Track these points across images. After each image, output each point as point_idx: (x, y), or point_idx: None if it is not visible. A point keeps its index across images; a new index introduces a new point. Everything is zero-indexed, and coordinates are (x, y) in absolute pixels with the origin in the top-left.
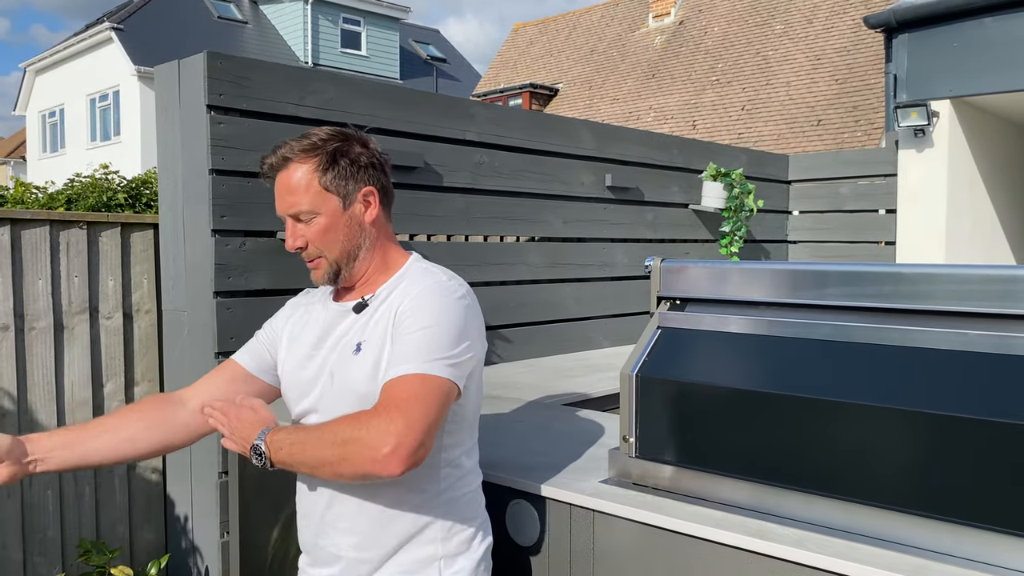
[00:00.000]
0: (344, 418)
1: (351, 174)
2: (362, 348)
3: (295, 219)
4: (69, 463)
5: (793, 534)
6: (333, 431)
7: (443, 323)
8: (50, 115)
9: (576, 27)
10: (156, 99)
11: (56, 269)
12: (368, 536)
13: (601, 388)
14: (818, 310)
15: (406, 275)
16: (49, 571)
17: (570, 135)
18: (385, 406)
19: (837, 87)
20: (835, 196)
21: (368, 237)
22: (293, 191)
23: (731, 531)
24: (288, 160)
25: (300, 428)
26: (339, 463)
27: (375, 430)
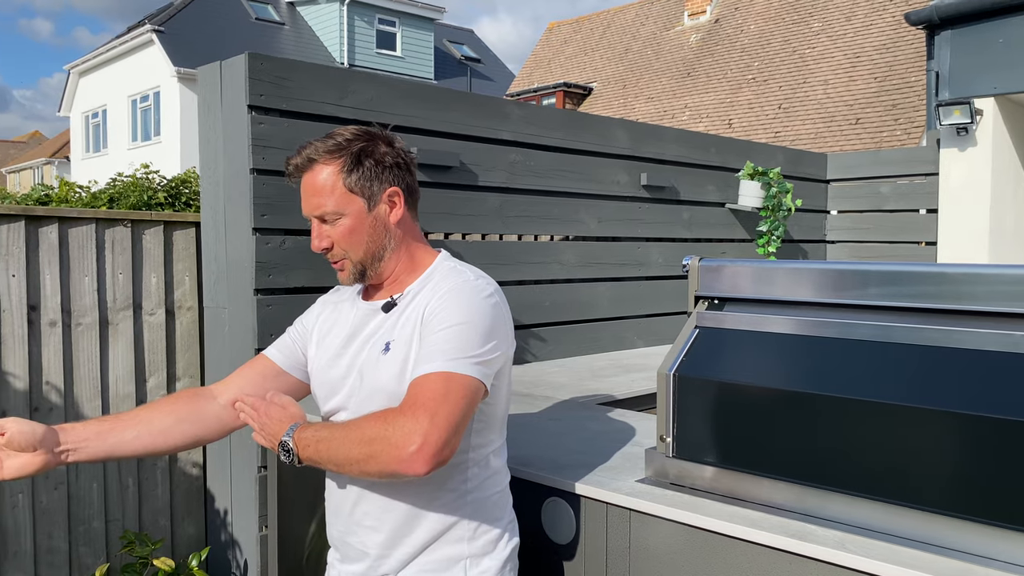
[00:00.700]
0: (371, 416)
1: (376, 175)
2: (391, 347)
3: (320, 220)
4: (101, 453)
5: (834, 536)
6: (360, 429)
7: (470, 321)
8: (93, 116)
9: (610, 26)
10: (198, 99)
11: (102, 266)
12: (394, 534)
13: (635, 388)
14: (860, 310)
15: (434, 274)
16: (94, 561)
17: (605, 134)
18: (411, 404)
19: (876, 85)
20: (875, 196)
21: (393, 237)
22: (318, 192)
23: (771, 532)
24: (313, 161)
25: (327, 425)
26: (365, 461)
27: (401, 429)
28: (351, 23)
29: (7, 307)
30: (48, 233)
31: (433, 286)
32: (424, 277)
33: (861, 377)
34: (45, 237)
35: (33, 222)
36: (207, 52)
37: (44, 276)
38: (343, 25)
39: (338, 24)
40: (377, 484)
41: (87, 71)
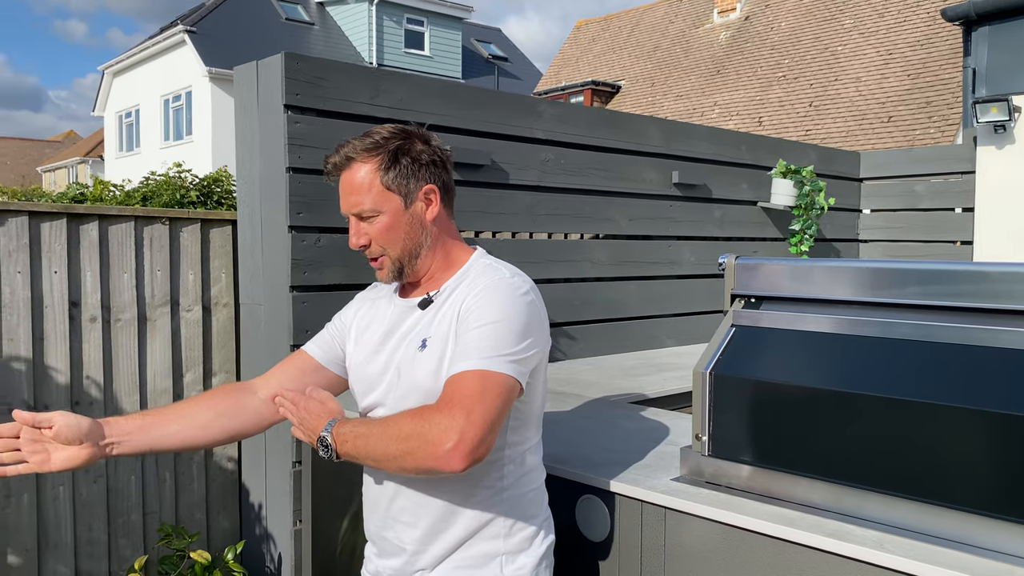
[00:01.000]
0: (408, 412)
1: (412, 172)
2: (427, 344)
3: (358, 218)
4: (144, 447)
5: (873, 536)
6: (397, 425)
7: (506, 319)
8: (126, 116)
9: (639, 24)
10: (235, 99)
11: (140, 263)
12: (431, 530)
13: (667, 387)
14: (898, 309)
15: (470, 271)
16: (132, 553)
17: (637, 132)
18: (447, 402)
19: (909, 82)
20: (909, 194)
21: (430, 235)
22: (356, 190)
23: (809, 531)
24: (351, 159)
25: (365, 421)
26: (402, 457)
27: (437, 426)
28: (380, 23)
29: (49, 303)
30: (89, 231)
31: (469, 283)
32: (460, 274)
33: (899, 376)
34: (86, 234)
35: (74, 220)
36: (238, 52)
37: (85, 273)
38: (372, 25)
39: (367, 24)
40: (413, 480)
41: (121, 71)
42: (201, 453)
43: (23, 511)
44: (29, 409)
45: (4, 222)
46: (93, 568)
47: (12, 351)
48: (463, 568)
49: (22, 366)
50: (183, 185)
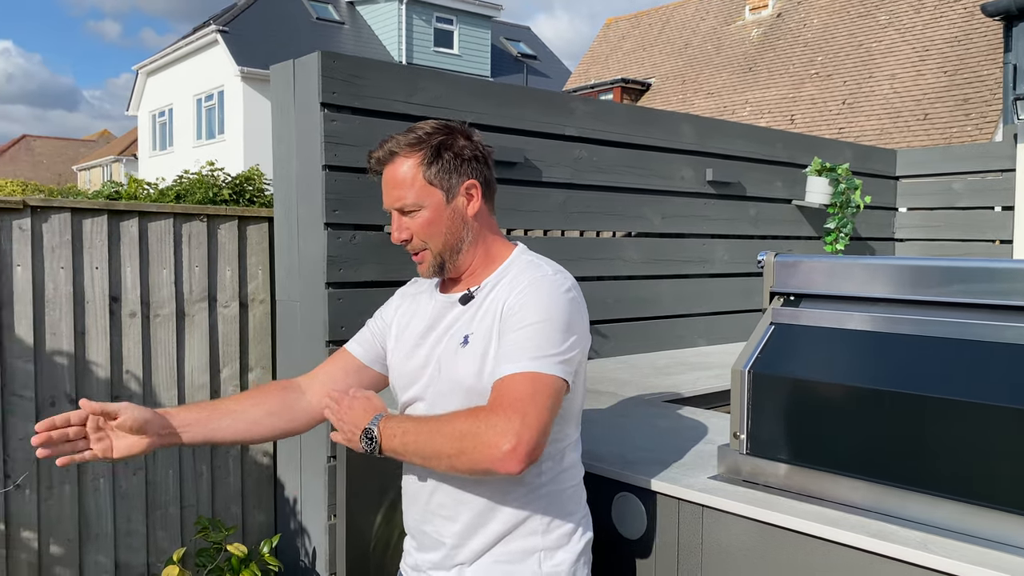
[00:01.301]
0: (461, 412)
1: (454, 167)
2: (469, 341)
3: (400, 212)
4: (199, 438)
5: (916, 536)
6: (450, 423)
7: (552, 319)
8: (160, 115)
9: (669, 21)
10: (272, 97)
11: (179, 259)
12: (469, 525)
13: (701, 386)
14: (941, 307)
15: (511, 267)
16: (170, 546)
17: (670, 129)
18: (502, 404)
19: (946, 79)
20: (947, 192)
21: (471, 230)
22: (399, 185)
23: (851, 531)
24: (394, 154)
25: (413, 418)
26: (456, 456)
27: (494, 428)
28: (409, 21)
29: (91, 298)
30: (129, 227)
31: (511, 280)
32: (501, 270)
33: (941, 375)
34: (126, 231)
35: (115, 216)
36: (269, 52)
37: (125, 269)
38: (401, 24)
39: (396, 23)
40: (454, 476)
41: (154, 71)
42: (237, 448)
43: (65, 502)
44: (71, 403)
45: (48, 218)
46: (131, 559)
47: (55, 345)
48: (501, 563)
49: (64, 360)
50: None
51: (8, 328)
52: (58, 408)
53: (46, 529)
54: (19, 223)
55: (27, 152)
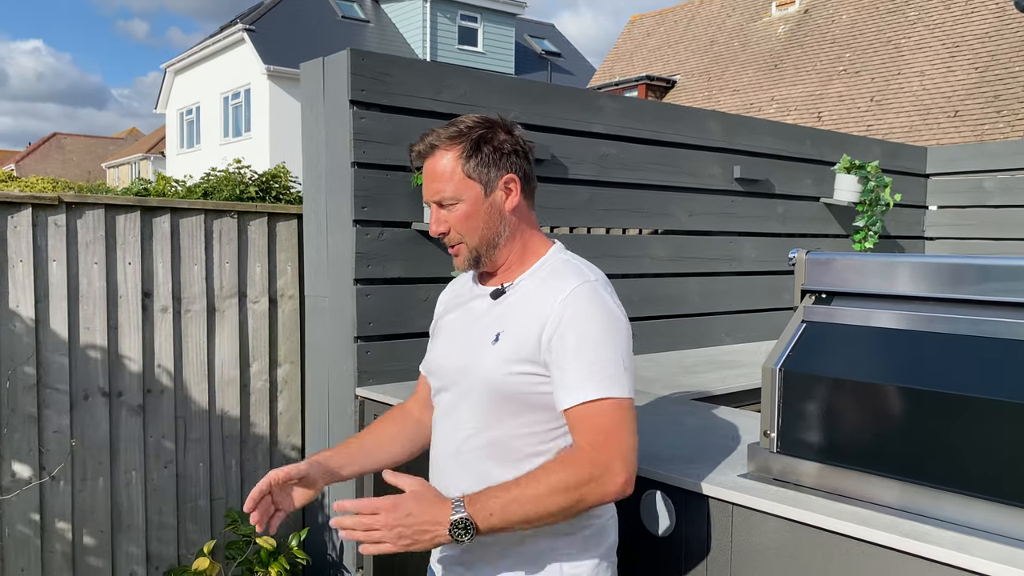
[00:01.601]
0: (557, 463)
1: (493, 161)
2: (500, 339)
3: (439, 205)
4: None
5: (951, 537)
6: (548, 479)
7: (612, 333)
8: (187, 113)
9: (695, 17)
10: (301, 95)
11: (210, 255)
12: None
13: (729, 385)
14: (976, 306)
15: (545, 265)
16: (200, 538)
17: (698, 126)
18: (600, 441)
19: (977, 76)
20: (978, 190)
21: (508, 224)
22: (438, 178)
23: (884, 531)
24: (434, 147)
25: (501, 489)
26: (573, 507)
27: (601, 467)
28: (434, 19)
29: (123, 293)
30: (161, 223)
31: (546, 280)
32: (536, 267)
33: (975, 374)
34: (158, 227)
35: (147, 212)
36: (295, 50)
37: (157, 264)
38: (426, 21)
39: (421, 21)
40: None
41: (182, 70)
42: (266, 441)
43: (98, 494)
44: (104, 396)
45: (82, 215)
46: (163, 551)
47: (89, 339)
48: (525, 563)
49: (98, 354)
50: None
51: (43, 323)
52: (91, 401)
53: (80, 520)
54: (55, 219)
55: (58, 150)
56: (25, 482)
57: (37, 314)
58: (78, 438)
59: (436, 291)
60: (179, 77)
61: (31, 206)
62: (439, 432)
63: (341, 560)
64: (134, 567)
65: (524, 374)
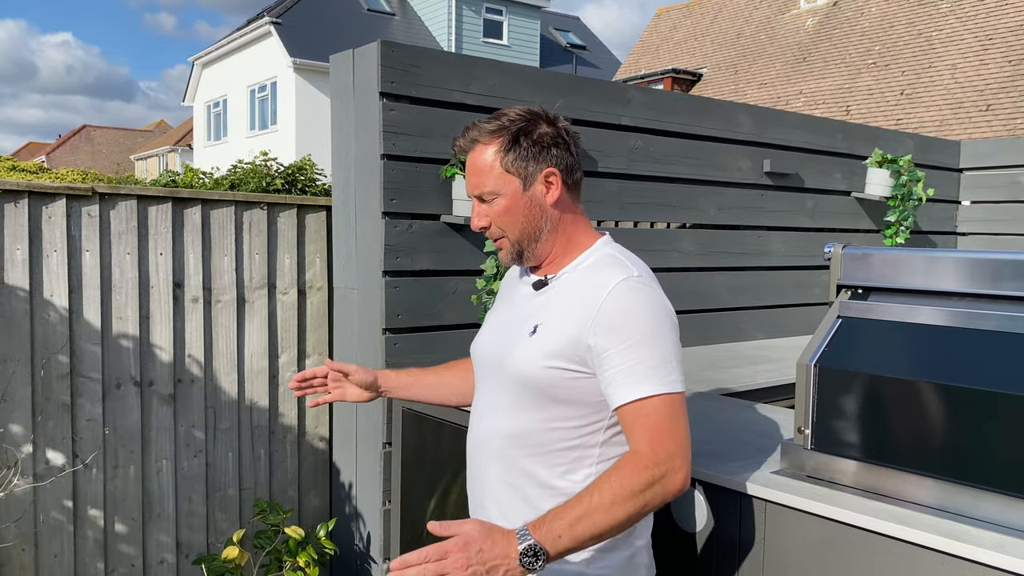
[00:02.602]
0: (621, 472)
1: (532, 155)
2: (538, 331)
3: (479, 199)
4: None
5: (991, 537)
6: (618, 488)
7: (662, 329)
8: (214, 106)
9: (722, 10)
10: (331, 87)
11: (239, 247)
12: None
13: (759, 380)
14: (1017, 302)
15: (589, 258)
16: (229, 527)
17: (727, 119)
18: (659, 439)
19: (1011, 69)
20: (1013, 185)
21: (550, 219)
22: (478, 172)
23: (922, 530)
24: (476, 142)
25: (564, 508)
26: (641, 511)
27: (666, 466)
28: (459, 12)
29: (155, 284)
30: (192, 214)
31: (589, 272)
32: (579, 260)
33: (1016, 371)
34: (189, 218)
35: (179, 204)
36: (322, 43)
37: (188, 255)
38: (451, 14)
39: (446, 13)
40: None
41: (210, 62)
42: (294, 432)
43: (129, 482)
44: (135, 385)
45: (115, 205)
46: (192, 539)
47: (121, 329)
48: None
49: (130, 344)
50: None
51: (77, 312)
52: (123, 390)
53: (111, 508)
54: (87, 210)
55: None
56: (59, 469)
57: (71, 303)
58: (110, 426)
59: (465, 284)
60: (207, 70)
61: (65, 197)
62: (475, 417)
63: (368, 550)
64: (164, 555)
65: (558, 368)
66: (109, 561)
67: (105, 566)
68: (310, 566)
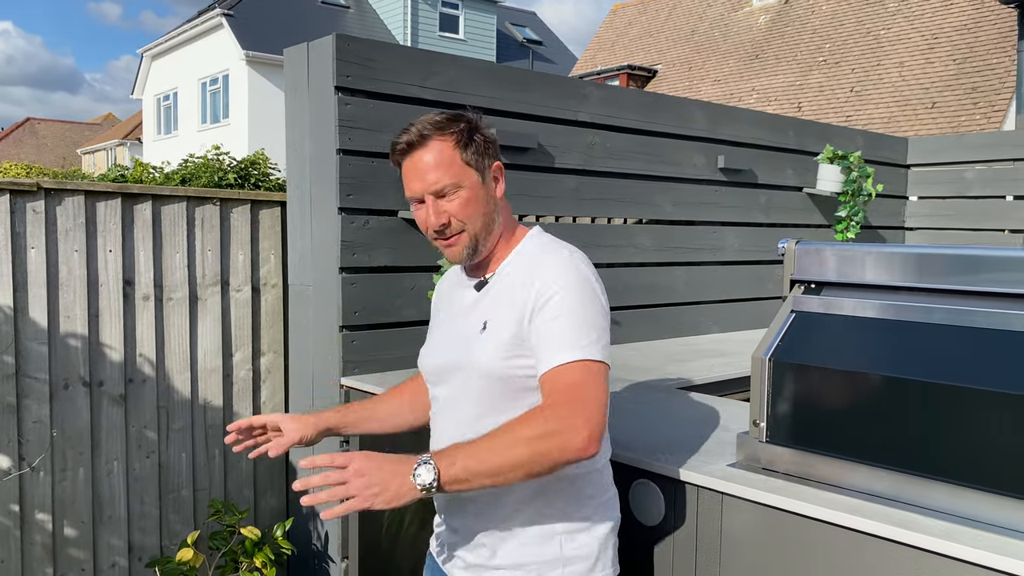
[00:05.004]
0: (521, 419)
1: (485, 150)
2: (488, 327)
3: (437, 196)
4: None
5: (940, 525)
6: (513, 432)
7: (586, 303)
8: (164, 99)
9: (676, 7)
10: (285, 80)
11: (192, 243)
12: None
13: (714, 374)
14: (965, 296)
15: (524, 251)
16: (183, 529)
17: (682, 116)
18: (564, 397)
19: (955, 67)
20: (958, 181)
21: (500, 211)
22: (434, 168)
23: (874, 519)
24: (426, 137)
25: (465, 443)
26: (535, 460)
27: (564, 421)
28: (415, 6)
29: (104, 281)
30: (143, 210)
31: (527, 261)
32: (515, 254)
33: (964, 364)
34: (140, 214)
35: (129, 199)
36: (275, 36)
37: (138, 252)
38: (407, 8)
39: (402, 7)
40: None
41: (159, 54)
42: None
43: (79, 485)
44: (84, 385)
45: (61, 201)
46: (145, 542)
47: (69, 328)
48: (525, 545)
49: (78, 343)
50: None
51: (23, 311)
52: (72, 391)
53: (60, 511)
54: (33, 206)
55: (31, 135)
56: (4, 473)
57: (16, 302)
58: (58, 428)
59: (423, 280)
60: (156, 62)
61: (9, 192)
62: (440, 428)
63: (326, 550)
64: (116, 558)
65: (515, 357)
66: (58, 566)
67: (54, 571)
68: (267, 566)
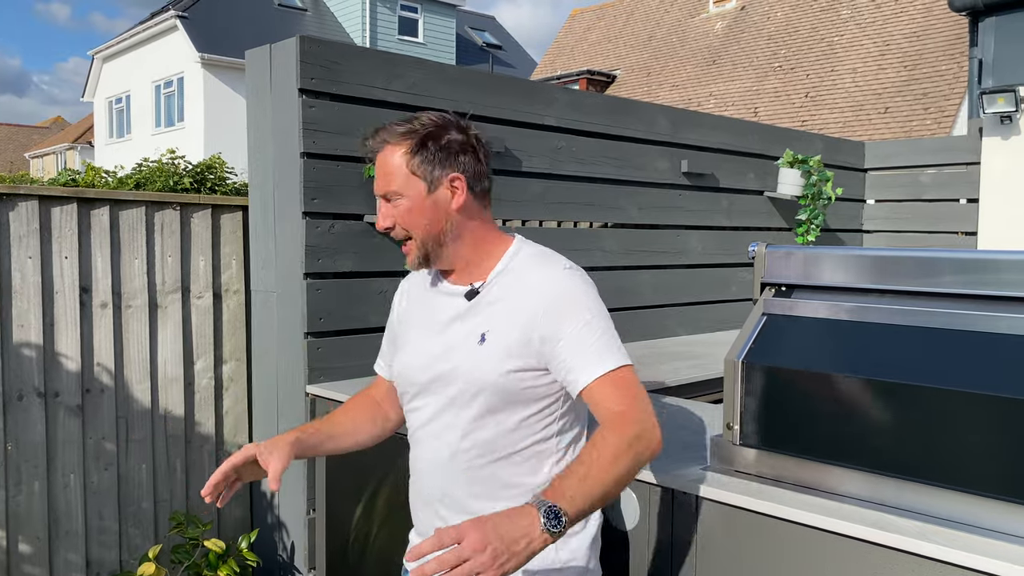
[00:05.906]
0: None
1: (439, 160)
2: (487, 338)
3: (385, 199)
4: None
5: (914, 525)
6: (612, 444)
7: (601, 313)
8: (116, 101)
9: (634, 13)
10: (247, 83)
11: (151, 249)
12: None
13: (682, 376)
14: (934, 298)
15: (516, 259)
16: (143, 542)
17: (646, 120)
18: (631, 402)
19: (906, 74)
20: (914, 185)
21: (454, 223)
22: (386, 173)
23: (848, 521)
24: (385, 143)
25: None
26: (634, 467)
27: (644, 424)
28: (373, 9)
29: (60, 289)
30: (100, 215)
31: (523, 273)
32: (505, 264)
33: (935, 364)
34: (97, 219)
35: (85, 204)
36: (231, 39)
37: (96, 258)
38: (365, 11)
39: (360, 10)
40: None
41: (110, 57)
42: (212, 442)
43: (34, 499)
44: (39, 396)
45: (15, 206)
46: (104, 557)
47: (23, 337)
48: None
49: (33, 353)
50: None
51: None
52: (26, 402)
53: (14, 527)
54: None
55: None
56: None
57: None
58: (12, 441)
59: (390, 285)
60: (107, 64)
61: None
62: (425, 440)
63: (292, 561)
64: (73, 574)
65: (518, 370)
66: None
67: None
68: None
